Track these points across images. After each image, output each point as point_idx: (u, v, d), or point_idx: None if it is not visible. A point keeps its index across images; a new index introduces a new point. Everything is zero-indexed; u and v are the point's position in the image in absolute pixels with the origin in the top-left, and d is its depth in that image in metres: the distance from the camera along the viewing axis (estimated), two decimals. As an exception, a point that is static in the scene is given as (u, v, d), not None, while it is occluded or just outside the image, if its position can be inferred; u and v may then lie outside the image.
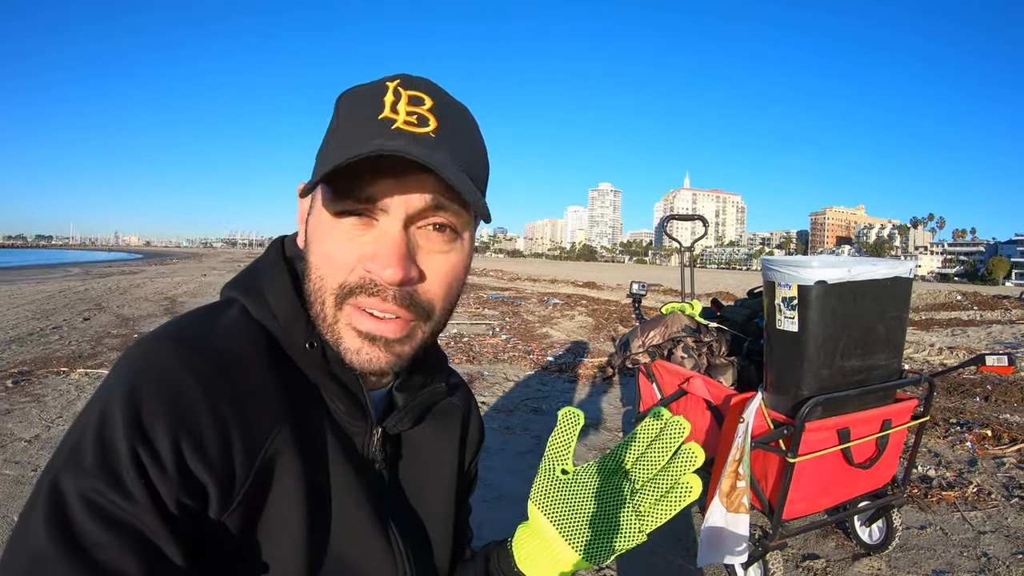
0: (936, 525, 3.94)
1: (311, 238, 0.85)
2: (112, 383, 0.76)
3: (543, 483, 0.91)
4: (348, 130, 0.82)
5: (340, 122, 0.84)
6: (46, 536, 0.67)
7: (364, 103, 0.82)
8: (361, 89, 0.85)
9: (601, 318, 14.95)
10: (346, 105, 0.85)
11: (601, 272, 55.41)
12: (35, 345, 9.59)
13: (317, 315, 0.85)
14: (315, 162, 0.85)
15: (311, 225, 0.85)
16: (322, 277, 0.83)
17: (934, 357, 10.44)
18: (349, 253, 0.81)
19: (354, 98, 0.84)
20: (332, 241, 0.82)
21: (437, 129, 0.82)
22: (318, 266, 0.83)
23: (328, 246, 0.82)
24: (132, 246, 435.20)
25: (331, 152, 0.81)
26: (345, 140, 0.81)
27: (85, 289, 20.26)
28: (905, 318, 3.11)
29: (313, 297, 0.84)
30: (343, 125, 0.83)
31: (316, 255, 0.84)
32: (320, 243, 0.83)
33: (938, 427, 6.09)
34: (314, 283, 0.84)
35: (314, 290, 0.84)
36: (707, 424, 3.70)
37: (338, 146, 0.81)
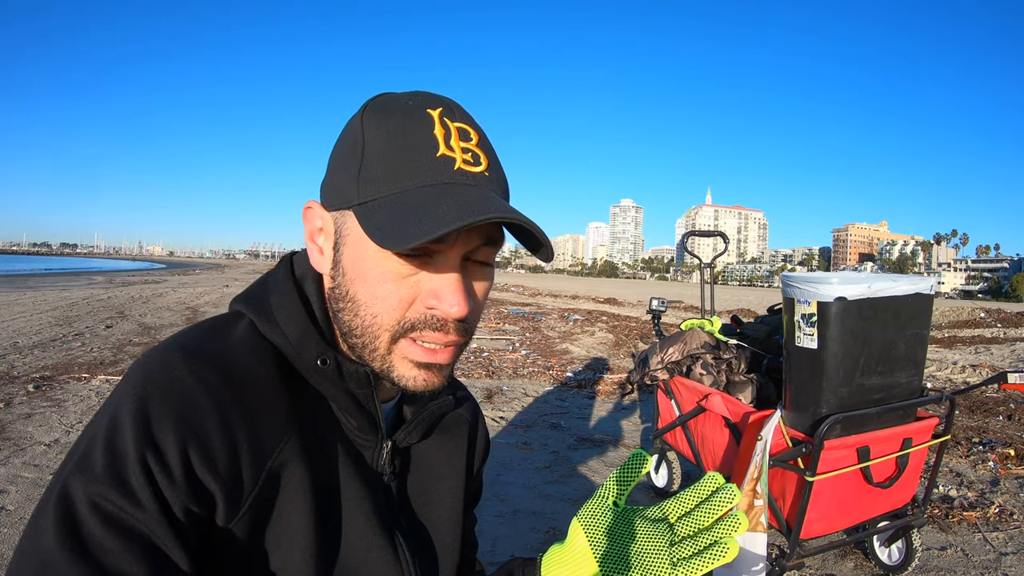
0: (957, 546, 3.88)
1: (352, 271, 0.84)
2: (123, 391, 0.77)
3: (594, 508, 0.91)
4: (399, 163, 0.81)
5: (382, 148, 0.82)
6: (55, 540, 0.69)
7: (412, 132, 0.81)
8: (396, 107, 0.84)
9: (621, 334, 14.89)
10: (383, 127, 0.83)
11: (622, 288, 55.30)
12: (57, 351, 9.68)
13: (365, 347, 0.85)
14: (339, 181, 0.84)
15: (350, 256, 0.84)
16: (376, 315, 0.82)
17: (957, 375, 10.33)
18: (408, 290, 0.81)
19: (393, 120, 0.83)
20: (386, 278, 0.81)
21: (489, 167, 0.84)
22: (370, 303, 0.82)
23: (381, 284, 0.82)
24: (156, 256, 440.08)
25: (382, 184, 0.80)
26: (400, 174, 0.80)
27: (108, 297, 20.47)
28: (926, 335, 3.07)
29: (362, 331, 0.84)
30: (389, 153, 0.81)
31: (366, 292, 0.83)
32: (369, 280, 0.82)
33: (960, 446, 6.00)
34: (364, 319, 0.83)
35: (365, 326, 0.84)
36: (725, 441, 3.67)
37: (392, 180, 0.80)
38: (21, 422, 5.83)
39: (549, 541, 3.82)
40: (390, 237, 0.76)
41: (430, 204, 0.77)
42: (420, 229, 0.74)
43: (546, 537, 3.88)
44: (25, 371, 8.05)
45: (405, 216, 0.76)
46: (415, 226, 0.75)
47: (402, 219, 0.76)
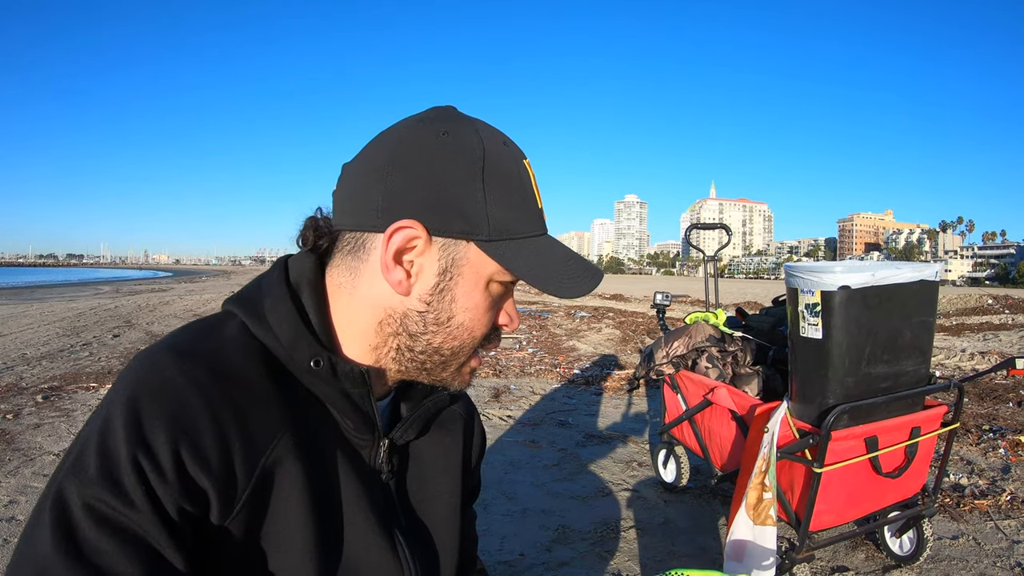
0: (968, 535, 3.86)
1: (465, 300, 0.90)
2: (114, 394, 0.79)
3: None
4: (522, 212, 0.90)
5: (509, 194, 0.88)
6: (50, 543, 0.70)
7: (524, 184, 0.90)
8: (509, 157, 0.90)
9: (628, 330, 14.85)
10: (505, 172, 0.88)
11: (628, 284, 55.21)
12: (65, 361, 9.70)
13: (446, 363, 0.94)
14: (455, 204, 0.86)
15: (465, 286, 0.89)
16: (475, 337, 0.93)
17: (965, 362, 10.29)
18: (494, 315, 0.95)
19: (512, 169, 0.90)
20: (488, 306, 0.92)
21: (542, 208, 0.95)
22: (474, 328, 0.92)
23: (486, 311, 0.92)
24: (162, 264, 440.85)
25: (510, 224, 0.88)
26: (522, 225, 0.90)
27: (115, 306, 20.53)
28: (932, 322, 3.05)
29: (454, 351, 0.93)
30: (516, 202, 0.89)
31: (472, 317, 0.91)
32: (479, 308, 0.91)
33: (970, 434, 5.97)
34: (463, 341, 0.92)
35: (459, 346, 0.92)
36: (732, 435, 3.66)
37: (515, 225, 0.89)
38: (30, 432, 5.84)
39: (558, 540, 3.81)
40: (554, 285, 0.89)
41: (565, 260, 0.92)
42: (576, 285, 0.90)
43: (555, 535, 3.87)
44: (33, 382, 8.06)
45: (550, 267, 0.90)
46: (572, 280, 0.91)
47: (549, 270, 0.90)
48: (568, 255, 0.93)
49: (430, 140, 0.86)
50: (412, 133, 0.87)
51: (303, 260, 0.95)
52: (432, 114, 0.90)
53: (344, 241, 0.92)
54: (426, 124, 0.88)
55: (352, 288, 0.91)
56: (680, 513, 4.23)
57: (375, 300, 0.90)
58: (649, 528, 3.99)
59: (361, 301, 0.91)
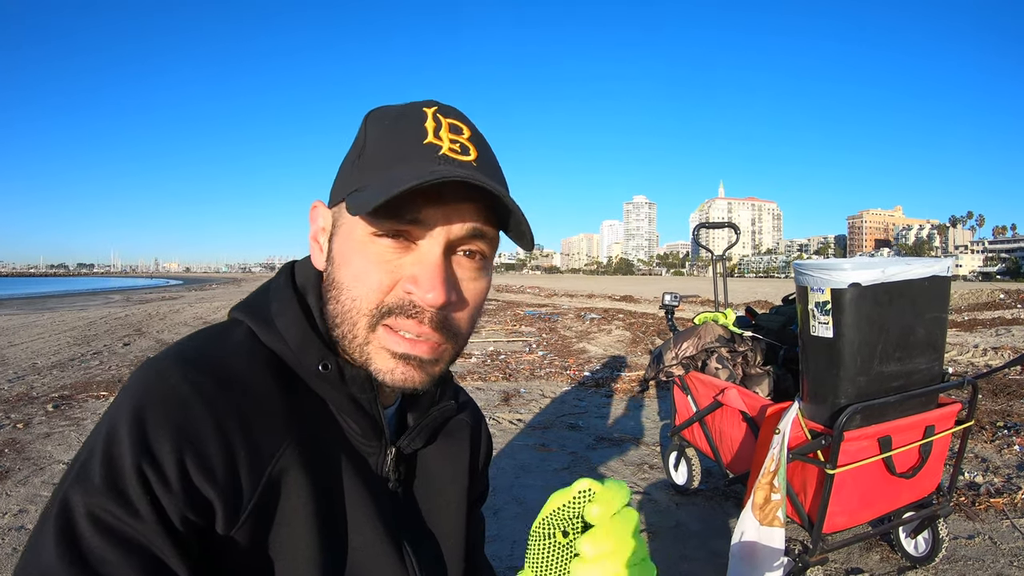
0: (984, 534, 3.81)
1: (339, 257, 0.86)
2: (120, 403, 0.78)
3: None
4: (391, 151, 0.83)
5: (377, 141, 0.85)
6: (54, 552, 0.69)
7: (405, 126, 0.84)
8: (394, 110, 0.88)
9: (638, 332, 14.85)
10: (381, 125, 0.86)
11: (638, 285, 55.29)
12: (76, 370, 9.76)
13: (345, 335, 0.85)
14: (342, 178, 0.88)
15: (339, 243, 0.86)
16: (355, 298, 0.83)
17: (979, 358, 10.22)
18: (388, 274, 0.82)
19: (390, 119, 0.86)
20: (368, 261, 0.82)
21: (477, 159, 0.85)
22: (351, 286, 0.84)
23: (364, 266, 0.83)
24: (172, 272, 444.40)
25: (372, 171, 0.83)
26: (390, 160, 0.83)
27: (126, 315, 20.63)
28: (945, 319, 3.01)
29: (342, 318, 0.85)
30: (383, 144, 0.84)
31: (348, 275, 0.84)
32: (353, 263, 0.83)
33: (984, 431, 5.92)
34: (344, 304, 0.84)
35: (344, 311, 0.84)
36: (743, 436, 3.63)
37: (383, 166, 0.83)
38: (40, 442, 5.88)
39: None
40: (359, 204, 0.78)
41: (405, 178, 0.77)
42: (382, 192, 0.76)
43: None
44: (44, 391, 8.12)
45: (378, 188, 0.78)
46: (380, 192, 0.76)
47: (376, 192, 0.77)
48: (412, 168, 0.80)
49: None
50: None
51: (309, 263, 0.95)
52: None
53: None
54: None
55: None
56: (691, 516, 4.20)
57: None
58: (660, 531, 3.97)
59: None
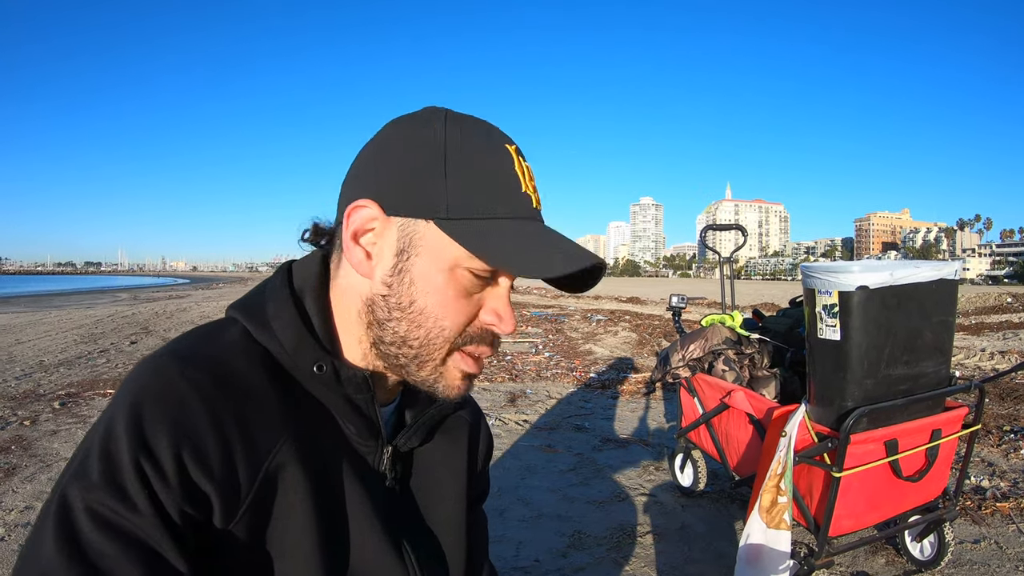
0: (991, 538, 3.80)
1: (422, 282, 0.86)
2: (117, 400, 0.79)
3: None
4: (492, 190, 0.85)
5: (472, 166, 0.85)
6: (54, 547, 0.70)
7: (501, 164, 0.87)
8: (479, 131, 0.88)
9: (645, 333, 14.82)
10: (468, 143, 0.86)
11: (645, 287, 55.26)
12: (83, 368, 9.81)
13: (419, 357, 0.88)
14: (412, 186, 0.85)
15: (423, 267, 0.85)
16: (444, 327, 0.86)
17: (985, 362, 10.18)
18: (474, 306, 0.87)
19: (478, 143, 0.87)
20: (459, 293, 0.86)
21: (539, 201, 0.91)
22: (439, 315, 0.86)
23: (455, 298, 0.86)
24: (179, 271, 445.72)
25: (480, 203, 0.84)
26: (494, 202, 0.85)
27: (133, 314, 20.71)
28: (952, 322, 3.01)
29: (421, 342, 0.87)
30: (483, 177, 0.85)
31: (436, 303, 0.86)
32: (444, 291, 0.85)
33: (991, 435, 5.90)
34: (430, 330, 0.86)
35: (427, 336, 0.87)
36: (749, 438, 3.63)
37: (487, 204, 0.85)
38: (47, 439, 5.91)
39: (573, 545, 3.79)
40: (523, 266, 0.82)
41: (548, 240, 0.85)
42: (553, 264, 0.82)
43: (571, 541, 3.84)
44: (51, 389, 8.16)
45: (530, 247, 0.84)
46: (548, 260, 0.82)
47: (528, 249, 0.83)
48: (546, 235, 0.87)
49: (399, 129, 0.89)
50: (387, 126, 0.91)
51: (307, 264, 0.95)
52: (412, 113, 0.92)
53: (337, 235, 0.92)
54: (402, 117, 0.91)
55: (337, 280, 0.93)
56: (697, 518, 4.20)
57: (352, 289, 0.90)
58: (666, 533, 3.96)
59: (343, 293, 0.92)
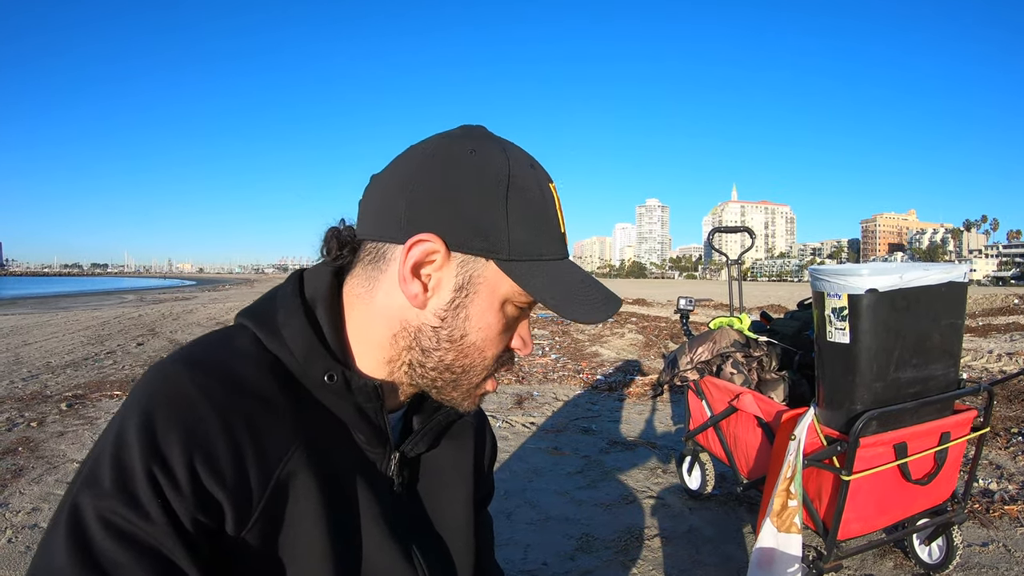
0: (999, 541, 3.79)
1: (479, 319, 0.89)
2: (128, 407, 0.79)
3: None
4: (542, 233, 0.89)
5: (531, 214, 0.88)
6: (66, 556, 0.71)
7: (547, 207, 0.90)
8: (535, 178, 0.90)
9: (651, 335, 14.77)
10: (528, 192, 0.88)
11: (651, 289, 55.23)
12: (89, 369, 9.81)
13: (456, 381, 0.92)
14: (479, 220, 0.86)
15: (480, 304, 0.88)
16: (486, 357, 0.91)
17: (993, 364, 10.14)
18: (508, 338, 0.94)
19: (536, 189, 0.89)
20: (502, 327, 0.91)
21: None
22: (485, 348, 0.91)
23: (499, 332, 0.91)
24: (185, 273, 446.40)
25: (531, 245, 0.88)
26: (540, 245, 0.88)
27: (139, 315, 20.72)
28: (961, 325, 3.00)
29: (463, 369, 0.91)
30: (538, 223, 0.88)
31: (483, 336, 0.90)
32: (492, 328, 0.90)
33: (999, 437, 5.86)
34: (473, 359, 0.91)
35: (471, 365, 0.91)
36: (758, 442, 3.62)
37: (535, 246, 0.88)
38: (54, 440, 5.91)
39: (581, 548, 3.79)
40: (574, 313, 0.87)
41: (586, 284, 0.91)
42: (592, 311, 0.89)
43: (578, 544, 3.84)
44: (58, 390, 8.16)
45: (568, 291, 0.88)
46: (589, 306, 0.89)
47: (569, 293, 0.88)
48: (585, 280, 0.92)
49: (457, 156, 0.87)
50: (440, 149, 0.88)
51: (319, 273, 0.95)
52: (461, 132, 0.91)
53: (365, 251, 0.92)
54: (454, 141, 0.89)
55: (369, 299, 0.92)
56: (705, 521, 4.19)
57: (391, 311, 0.90)
58: (674, 536, 3.95)
59: (377, 312, 0.91)
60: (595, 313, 0.88)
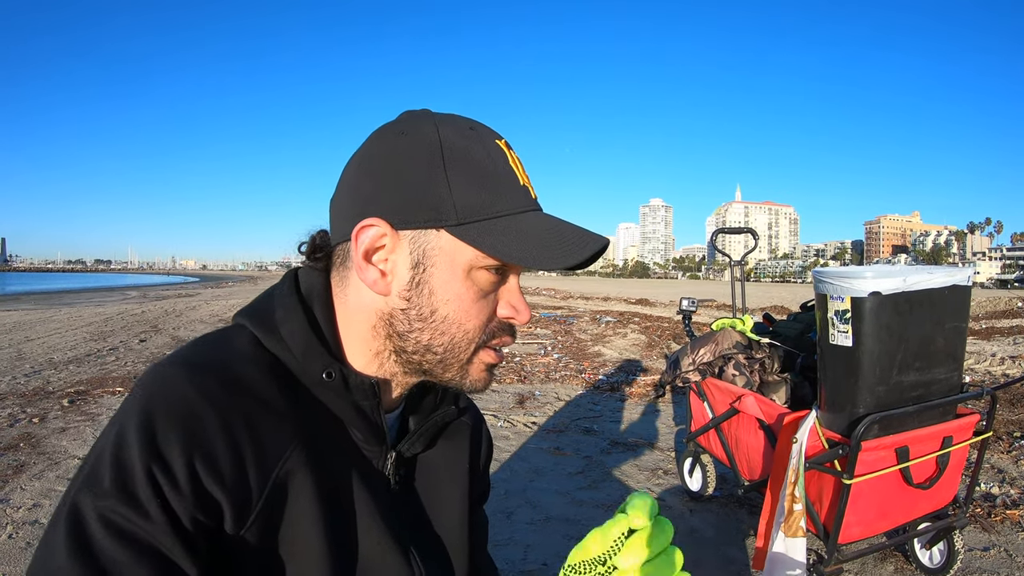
0: (1000, 546, 3.78)
1: (442, 291, 0.87)
2: (128, 407, 0.79)
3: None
4: (497, 190, 0.87)
5: (478, 174, 0.86)
6: (66, 555, 0.71)
7: (496, 162, 0.88)
8: (476, 138, 0.89)
9: (654, 335, 14.78)
10: (469, 153, 0.87)
11: (654, 289, 55.20)
12: (92, 365, 9.83)
13: (443, 361, 0.91)
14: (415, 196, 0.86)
15: (441, 276, 0.87)
16: (468, 331, 0.89)
17: (996, 367, 10.13)
18: (491, 304, 0.91)
19: (478, 149, 0.88)
20: (476, 296, 0.88)
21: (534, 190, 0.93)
22: (461, 321, 0.88)
23: (473, 301, 0.88)
24: (189, 270, 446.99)
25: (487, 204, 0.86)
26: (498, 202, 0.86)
27: (142, 312, 20.76)
28: (964, 328, 2.99)
29: (446, 348, 0.90)
30: (484, 181, 0.86)
31: (457, 309, 0.88)
32: (462, 297, 0.88)
33: (1001, 441, 5.86)
34: (453, 336, 0.89)
35: (452, 343, 0.89)
36: (760, 444, 3.61)
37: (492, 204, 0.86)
38: (55, 436, 5.93)
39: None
40: (539, 260, 0.84)
41: (556, 230, 0.87)
42: (567, 254, 0.85)
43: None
44: (60, 386, 8.18)
45: (542, 240, 0.85)
46: (560, 251, 0.85)
47: (541, 243, 0.85)
48: (556, 226, 0.88)
49: (389, 142, 0.89)
50: (375, 138, 0.91)
51: (313, 271, 0.96)
52: (395, 119, 0.93)
53: (336, 254, 0.95)
54: (387, 127, 0.91)
55: (345, 298, 0.93)
56: (706, 522, 4.19)
57: (364, 305, 0.91)
58: (674, 537, 3.93)
59: (354, 310, 0.93)
60: (567, 257, 0.85)
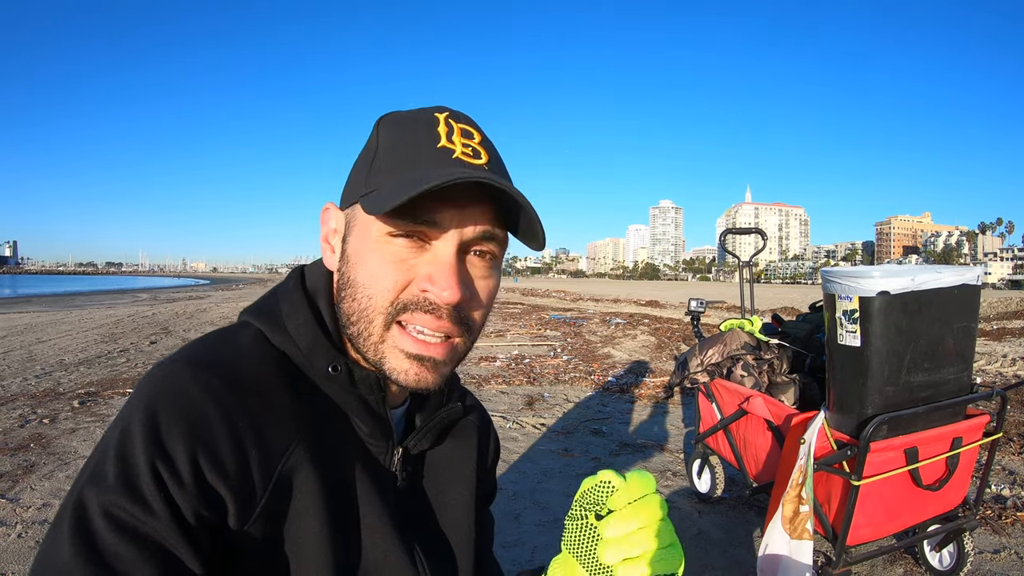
0: (1011, 548, 3.75)
1: (354, 256, 0.87)
2: (132, 404, 0.79)
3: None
4: (405, 154, 0.85)
5: (391, 144, 0.87)
6: (70, 549, 0.71)
7: (417, 130, 0.86)
8: (407, 115, 0.90)
9: (664, 337, 14.75)
10: (394, 129, 0.89)
11: (664, 290, 55.14)
12: (103, 367, 9.89)
13: (360, 333, 0.87)
14: (355, 180, 0.90)
15: (354, 243, 0.88)
16: (371, 296, 0.85)
17: (1007, 368, 10.07)
18: (403, 273, 0.84)
19: (402, 124, 0.89)
20: (384, 260, 0.84)
21: (489, 162, 0.87)
22: (366, 284, 0.85)
23: (380, 265, 0.84)
24: (199, 272, 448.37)
25: (387, 173, 0.85)
26: (405, 163, 0.84)
27: (153, 314, 20.83)
28: (974, 328, 2.97)
29: (358, 316, 0.86)
30: (397, 148, 0.86)
31: (364, 274, 0.85)
32: (368, 261, 0.85)
33: (1012, 443, 5.83)
34: (360, 302, 0.86)
35: (360, 308, 0.86)
36: (768, 445, 3.59)
37: (397, 169, 0.84)
38: (66, 437, 5.96)
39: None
40: (376, 204, 0.80)
41: (422, 179, 0.79)
42: (402, 192, 0.78)
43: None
44: (71, 387, 8.23)
45: (397, 188, 0.80)
46: (400, 192, 0.78)
47: (392, 190, 0.80)
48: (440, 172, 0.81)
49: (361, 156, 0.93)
50: None
51: (319, 267, 0.97)
52: None
53: None
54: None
55: None
56: (714, 524, 4.17)
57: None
58: (682, 539, 3.88)
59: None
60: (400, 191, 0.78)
